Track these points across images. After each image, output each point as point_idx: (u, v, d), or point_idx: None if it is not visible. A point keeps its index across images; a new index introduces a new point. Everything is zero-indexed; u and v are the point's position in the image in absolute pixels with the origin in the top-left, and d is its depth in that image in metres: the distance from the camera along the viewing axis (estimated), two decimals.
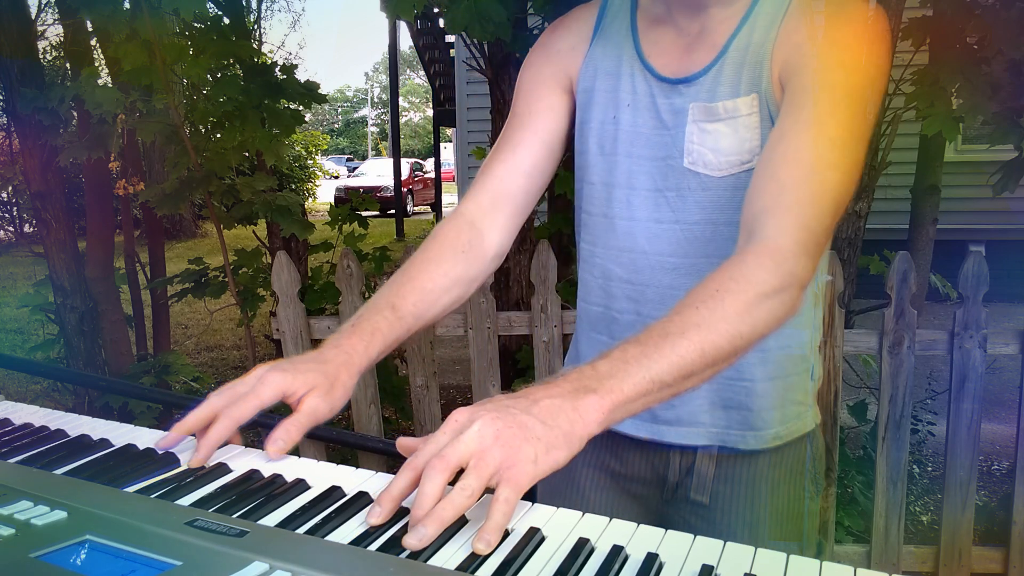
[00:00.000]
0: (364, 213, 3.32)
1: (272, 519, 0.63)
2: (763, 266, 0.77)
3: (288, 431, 0.77)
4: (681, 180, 0.95)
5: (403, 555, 0.57)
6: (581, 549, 0.58)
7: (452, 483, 0.62)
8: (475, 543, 0.58)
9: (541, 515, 0.64)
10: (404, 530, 0.61)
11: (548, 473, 0.63)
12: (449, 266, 0.97)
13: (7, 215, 11.43)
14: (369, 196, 3.65)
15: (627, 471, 1.07)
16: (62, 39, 4.42)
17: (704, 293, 0.75)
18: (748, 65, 0.91)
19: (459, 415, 0.65)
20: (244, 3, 2.99)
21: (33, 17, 3.35)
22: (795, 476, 1.03)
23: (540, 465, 0.62)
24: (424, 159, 24.51)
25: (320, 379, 0.81)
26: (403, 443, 0.70)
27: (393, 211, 14.14)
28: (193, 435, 0.78)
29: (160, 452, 0.76)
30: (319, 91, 2.82)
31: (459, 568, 0.56)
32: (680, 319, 0.73)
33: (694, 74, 0.93)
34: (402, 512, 0.65)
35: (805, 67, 0.86)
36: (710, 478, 1.01)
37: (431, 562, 0.57)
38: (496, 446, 0.61)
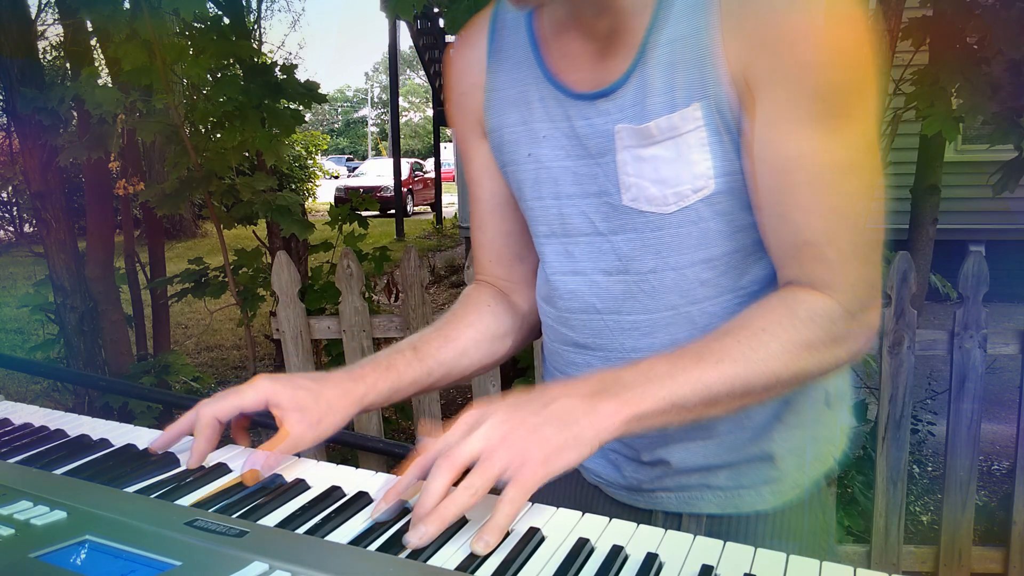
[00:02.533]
0: (364, 213, 3.33)
1: (272, 519, 0.63)
2: (816, 317, 0.70)
3: (267, 460, 0.73)
4: (624, 221, 0.78)
5: (403, 555, 0.57)
6: (581, 549, 0.58)
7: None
8: (474, 543, 0.57)
9: (541, 515, 0.64)
10: (405, 529, 0.61)
11: (557, 475, 0.61)
12: (475, 318, 0.92)
13: (7, 215, 11.44)
14: (369, 196, 3.65)
15: None
16: (62, 39, 4.42)
17: (749, 328, 0.70)
18: (682, 65, 0.71)
19: (468, 414, 0.64)
20: (244, 3, 2.99)
21: (33, 17, 3.35)
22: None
23: (549, 466, 0.61)
24: (424, 159, 24.53)
25: (310, 401, 0.77)
26: (425, 445, 0.67)
27: (393, 211, 14.15)
28: (191, 433, 0.78)
29: (152, 454, 0.77)
30: (319, 91, 2.82)
31: (459, 568, 0.56)
32: (719, 347, 0.69)
33: (612, 84, 0.75)
34: (403, 511, 0.65)
35: (794, 65, 0.68)
36: None
37: (431, 562, 0.57)
38: (503, 446, 0.60)
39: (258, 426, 0.86)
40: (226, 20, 2.77)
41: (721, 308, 0.79)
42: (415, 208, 18.64)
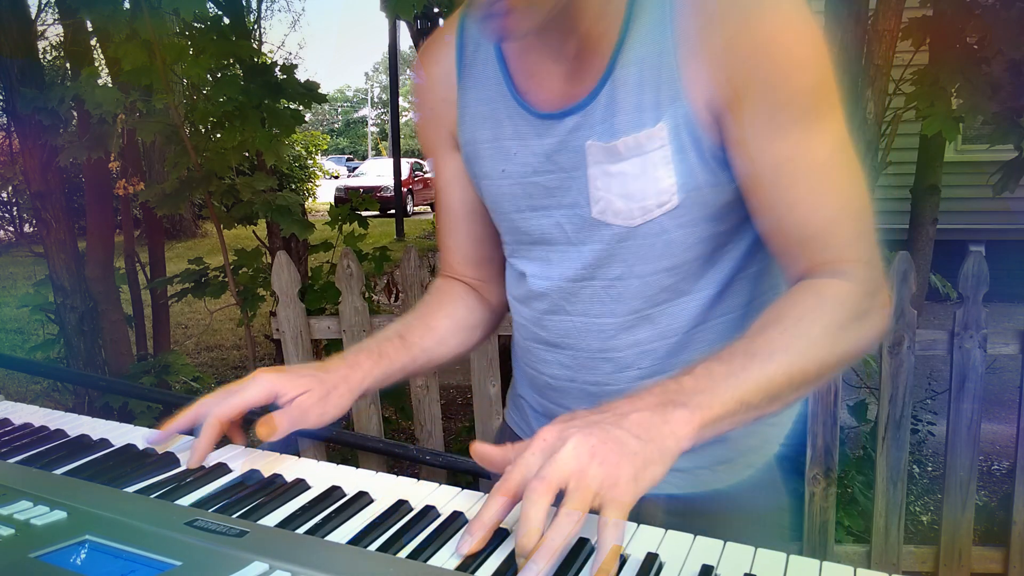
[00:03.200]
0: (364, 213, 3.32)
1: (272, 519, 0.63)
2: (841, 297, 0.73)
3: (278, 420, 0.77)
4: (593, 232, 0.82)
5: (402, 555, 0.57)
6: (581, 549, 0.57)
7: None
8: (597, 574, 0.54)
9: None
10: (404, 529, 0.61)
11: (647, 490, 0.60)
12: (451, 309, 0.98)
13: (7, 215, 11.44)
14: (369, 196, 3.65)
15: None
16: (62, 39, 4.42)
17: (787, 318, 0.72)
18: (648, 85, 0.75)
19: (546, 433, 0.61)
20: (244, 3, 2.99)
21: (33, 17, 3.35)
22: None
23: (641, 482, 0.59)
24: (424, 159, 24.44)
25: (315, 385, 0.81)
26: (482, 451, 0.65)
27: (393, 211, 14.15)
28: (189, 433, 0.79)
29: (151, 449, 0.77)
30: (319, 91, 2.82)
31: (459, 568, 0.56)
32: (765, 341, 0.70)
33: (580, 103, 0.78)
34: (405, 510, 0.65)
35: (758, 79, 0.71)
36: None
37: (431, 562, 0.57)
38: (594, 464, 0.58)
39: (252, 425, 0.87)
40: (226, 20, 2.77)
41: (679, 309, 0.84)
42: (415, 208, 18.64)
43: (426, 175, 19.73)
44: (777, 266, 0.84)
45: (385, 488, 0.69)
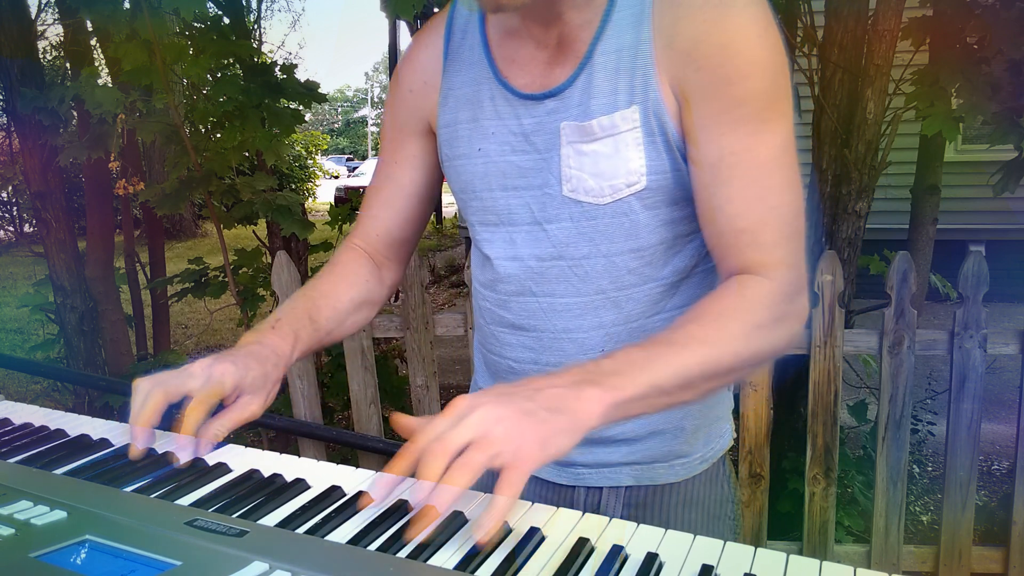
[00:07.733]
0: None
1: (272, 519, 0.63)
2: (762, 298, 0.77)
3: (216, 434, 0.80)
4: (561, 210, 0.85)
5: (402, 554, 0.57)
6: (581, 549, 0.58)
7: None
8: (474, 530, 0.57)
9: (541, 515, 0.64)
10: (405, 529, 0.61)
11: (554, 459, 0.62)
12: (355, 292, 1.02)
13: (7, 215, 11.44)
14: None
15: None
16: (62, 39, 4.42)
17: (708, 314, 0.76)
18: (623, 72, 0.80)
19: (460, 402, 0.64)
20: (244, 3, 2.99)
21: (33, 17, 3.35)
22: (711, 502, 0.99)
23: (548, 449, 0.61)
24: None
25: (261, 380, 0.85)
26: (400, 420, 0.68)
27: None
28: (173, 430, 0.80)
29: (153, 450, 0.77)
30: (319, 91, 2.82)
31: (459, 568, 0.56)
32: (683, 332, 0.74)
33: (559, 86, 0.83)
34: (404, 510, 0.65)
35: (717, 76, 0.76)
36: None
37: (431, 562, 0.57)
38: (499, 428, 0.60)
39: (259, 426, 0.87)
40: (226, 20, 2.77)
41: (644, 295, 0.88)
42: None
43: None
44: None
45: (375, 482, 0.69)
